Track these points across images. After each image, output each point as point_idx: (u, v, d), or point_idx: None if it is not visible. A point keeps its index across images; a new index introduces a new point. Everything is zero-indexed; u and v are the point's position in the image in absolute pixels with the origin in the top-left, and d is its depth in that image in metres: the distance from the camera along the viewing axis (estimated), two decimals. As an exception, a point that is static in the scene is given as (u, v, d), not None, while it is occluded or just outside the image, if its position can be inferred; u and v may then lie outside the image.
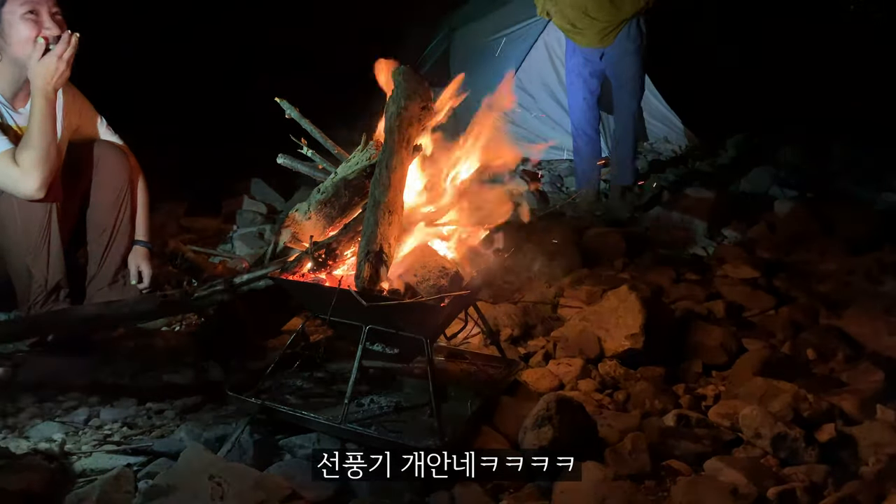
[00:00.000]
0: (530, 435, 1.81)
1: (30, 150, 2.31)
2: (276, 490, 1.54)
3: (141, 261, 2.69)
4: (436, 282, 1.84)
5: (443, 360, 2.28)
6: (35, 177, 2.30)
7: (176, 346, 2.54)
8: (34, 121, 2.33)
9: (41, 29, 2.34)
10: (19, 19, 2.33)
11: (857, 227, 3.76)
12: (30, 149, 2.31)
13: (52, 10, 2.39)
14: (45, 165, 2.32)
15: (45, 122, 2.33)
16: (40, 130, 2.32)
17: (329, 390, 2.07)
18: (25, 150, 2.32)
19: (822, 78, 6.98)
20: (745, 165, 5.77)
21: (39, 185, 2.31)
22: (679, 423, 2.05)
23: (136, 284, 2.68)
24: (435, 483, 1.77)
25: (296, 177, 2.60)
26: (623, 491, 1.67)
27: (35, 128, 2.32)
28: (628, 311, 2.48)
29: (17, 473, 1.56)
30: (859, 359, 2.47)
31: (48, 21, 2.36)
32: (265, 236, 3.87)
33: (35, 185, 2.30)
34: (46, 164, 2.32)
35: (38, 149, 2.31)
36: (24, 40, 2.34)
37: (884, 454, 1.83)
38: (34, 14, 2.34)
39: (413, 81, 2.05)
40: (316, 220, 2.06)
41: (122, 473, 1.62)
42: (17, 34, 2.33)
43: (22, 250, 2.38)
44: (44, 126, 2.33)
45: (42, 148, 2.32)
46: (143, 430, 2.01)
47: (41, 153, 2.31)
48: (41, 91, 2.33)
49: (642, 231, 4.12)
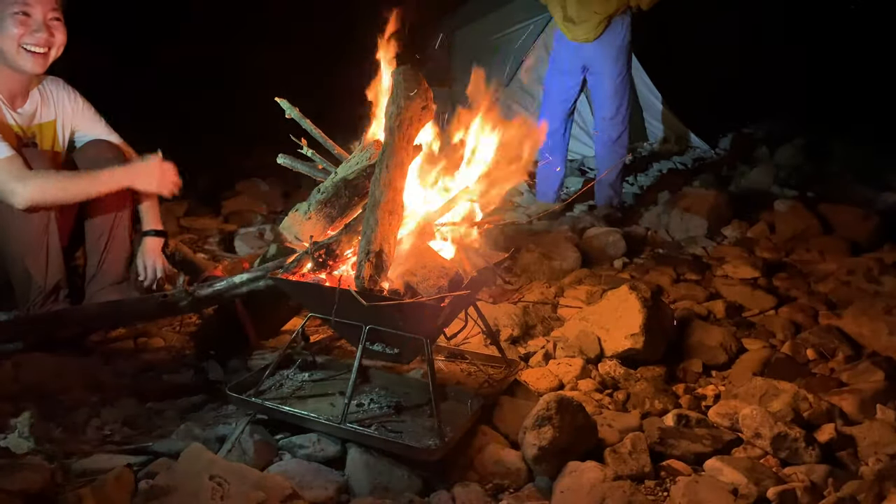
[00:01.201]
0: (530, 435, 1.81)
1: (52, 181, 2.36)
2: (276, 490, 1.54)
3: (147, 255, 2.68)
4: (436, 282, 1.84)
5: (443, 360, 2.28)
6: (30, 198, 2.31)
7: (176, 346, 2.54)
8: (85, 180, 2.42)
9: (27, 31, 2.34)
10: (9, 16, 2.33)
11: (857, 227, 3.76)
12: (54, 180, 2.36)
13: (50, 15, 2.38)
14: (47, 199, 2.35)
15: (87, 187, 2.42)
16: (77, 187, 2.40)
17: (329, 390, 2.07)
18: (51, 176, 2.36)
19: (822, 78, 6.98)
20: (746, 165, 5.77)
21: (29, 206, 2.32)
22: (679, 423, 2.05)
23: (142, 281, 2.66)
24: (435, 483, 1.77)
25: (296, 177, 2.59)
26: (623, 491, 1.66)
27: (80, 182, 2.41)
28: (628, 311, 2.48)
29: (17, 473, 1.56)
30: (859, 359, 2.47)
31: (39, 25, 2.36)
32: (265, 236, 3.87)
33: (25, 203, 2.31)
34: (48, 199, 2.35)
35: (59, 189, 2.37)
36: (9, 38, 2.34)
37: (884, 454, 1.83)
38: (25, 14, 2.34)
39: (413, 81, 2.05)
40: (316, 220, 2.06)
41: (122, 473, 1.61)
42: (5, 30, 2.34)
43: (21, 252, 2.38)
44: (83, 188, 2.42)
45: (62, 190, 2.38)
46: (142, 430, 2.01)
47: (56, 192, 2.36)
48: (118, 176, 2.47)
49: (642, 231, 4.12)
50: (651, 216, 4.35)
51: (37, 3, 2.35)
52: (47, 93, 2.57)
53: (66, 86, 2.63)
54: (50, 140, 2.57)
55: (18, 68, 2.40)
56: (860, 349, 2.57)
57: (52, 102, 2.57)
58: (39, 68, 2.42)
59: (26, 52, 2.37)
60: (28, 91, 2.52)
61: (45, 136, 2.56)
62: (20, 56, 2.37)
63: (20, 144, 2.44)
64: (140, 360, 2.41)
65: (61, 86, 2.62)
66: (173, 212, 4.19)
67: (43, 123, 2.55)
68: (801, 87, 6.85)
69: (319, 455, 1.84)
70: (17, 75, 2.43)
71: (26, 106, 2.51)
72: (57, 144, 2.59)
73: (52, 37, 2.40)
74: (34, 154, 2.42)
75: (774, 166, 5.54)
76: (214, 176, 4.99)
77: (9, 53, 2.36)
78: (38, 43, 2.37)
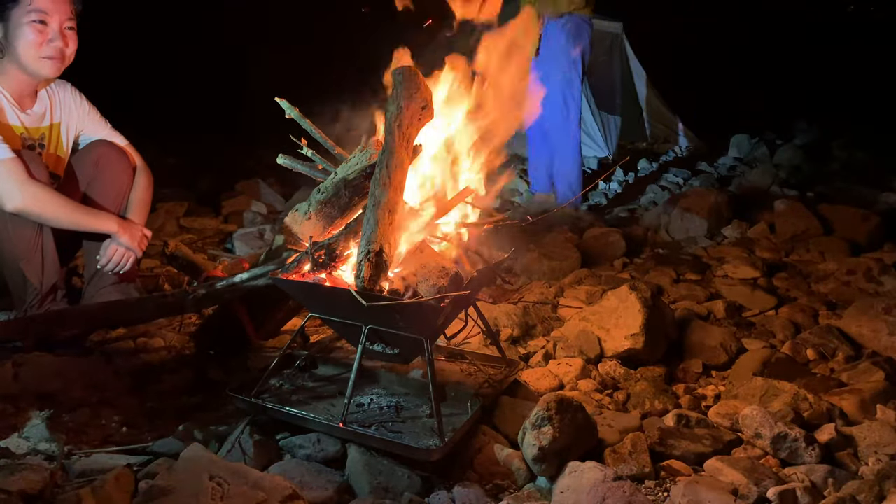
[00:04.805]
0: (530, 435, 1.80)
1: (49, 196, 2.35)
2: (276, 490, 1.54)
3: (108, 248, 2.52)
4: (436, 282, 1.84)
5: (443, 360, 2.28)
6: (23, 205, 2.31)
7: (176, 346, 2.54)
8: (78, 213, 2.42)
9: (45, 39, 2.37)
10: (26, 24, 2.34)
11: (857, 227, 3.76)
12: (51, 197, 2.35)
13: (65, 24, 2.41)
14: (37, 212, 2.34)
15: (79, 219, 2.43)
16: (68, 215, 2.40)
17: (329, 390, 2.07)
18: (49, 192, 2.36)
19: (821, 78, 6.98)
20: (746, 165, 5.78)
21: (19, 212, 2.32)
22: (679, 423, 2.05)
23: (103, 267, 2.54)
24: (435, 483, 1.77)
25: (296, 177, 2.59)
26: (623, 491, 1.66)
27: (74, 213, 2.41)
28: (628, 311, 2.48)
29: (17, 473, 1.56)
30: (859, 359, 2.47)
31: (55, 34, 2.38)
32: (265, 236, 3.87)
33: (16, 209, 2.31)
34: (38, 212, 2.34)
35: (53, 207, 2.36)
36: (25, 45, 2.36)
37: (884, 454, 1.83)
38: (43, 24, 2.36)
39: (413, 81, 2.05)
40: (316, 220, 2.06)
41: (122, 473, 1.61)
42: (22, 37, 2.35)
43: (15, 255, 2.38)
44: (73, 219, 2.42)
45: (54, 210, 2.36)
46: (142, 430, 2.01)
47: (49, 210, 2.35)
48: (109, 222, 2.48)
49: (642, 231, 4.12)
50: (651, 216, 4.35)
51: (55, 12, 2.37)
52: (54, 95, 2.57)
53: (72, 89, 2.63)
54: (55, 143, 2.58)
55: (34, 73, 2.42)
56: (860, 349, 2.57)
57: (58, 105, 2.58)
58: (55, 73, 2.45)
59: (42, 59, 2.39)
60: (36, 93, 2.52)
61: (51, 139, 2.57)
62: (38, 63, 2.39)
63: (26, 146, 2.44)
64: (140, 360, 2.41)
65: (67, 89, 2.62)
66: (173, 212, 4.19)
67: (49, 126, 2.55)
68: (800, 88, 6.86)
69: (319, 455, 1.84)
70: (28, 78, 2.44)
71: (35, 107, 2.52)
72: (60, 148, 2.60)
73: (66, 46, 2.42)
74: (35, 158, 2.42)
75: (774, 166, 5.54)
76: (214, 176, 5.00)
77: (25, 59, 2.38)
78: (54, 53, 2.39)
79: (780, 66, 7.20)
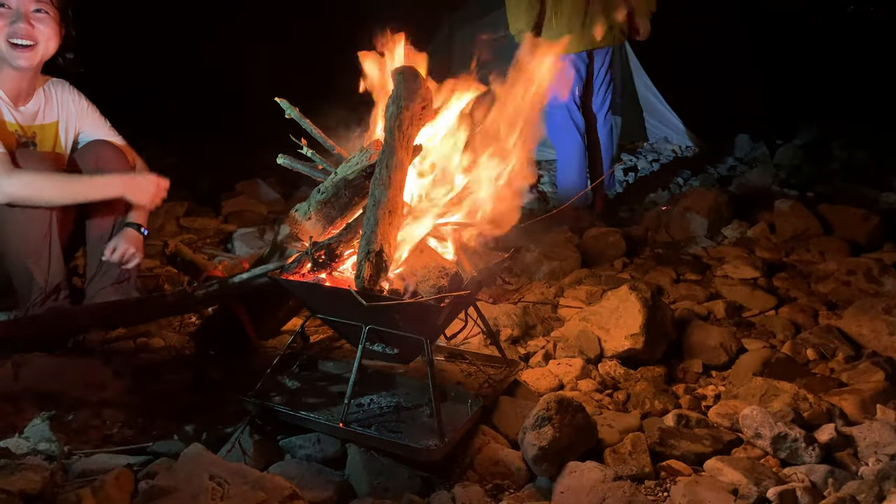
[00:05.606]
0: (530, 435, 1.81)
1: (40, 178, 2.34)
2: (276, 490, 1.54)
3: (123, 241, 2.55)
4: (436, 282, 1.84)
5: (443, 360, 2.28)
6: (10, 193, 2.29)
7: (176, 346, 2.54)
8: (80, 183, 2.41)
9: (5, 22, 2.33)
10: None
11: (857, 227, 3.76)
12: (43, 177, 2.34)
13: (31, 7, 2.36)
14: (33, 196, 2.33)
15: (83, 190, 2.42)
16: (71, 188, 2.39)
17: (329, 390, 2.07)
18: (41, 175, 2.34)
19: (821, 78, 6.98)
20: (746, 165, 5.78)
21: (8, 201, 2.31)
22: (679, 423, 2.05)
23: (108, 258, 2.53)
24: (435, 483, 1.77)
25: (296, 177, 2.59)
26: (623, 491, 1.66)
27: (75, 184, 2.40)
28: (628, 311, 2.48)
29: (17, 473, 1.56)
30: (859, 359, 2.47)
31: (18, 15, 2.33)
32: (265, 236, 3.87)
33: (5, 198, 2.30)
34: (34, 195, 2.33)
35: (50, 187, 2.35)
36: None
37: (884, 454, 1.82)
38: (2, 6, 2.33)
39: (413, 81, 2.05)
40: (316, 220, 2.06)
41: (122, 473, 1.61)
42: None
43: (23, 253, 2.38)
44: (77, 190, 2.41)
45: (54, 189, 2.35)
46: (142, 430, 2.01)
47: (46, 191, 2.34)
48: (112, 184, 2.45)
49: (642, 231, 4.12)
50: (651, 216, 4.35)
51: None
52: (52, 94, 2.57)
53: (71, 88, 2.63)
54: (51, 142, 2.57)
55: (12, 65, 2.39)
56: (860, 349, 2.57)
57: (55, 104, 2.57)
58: (26, 62, 2.39)
59: (12, 47, 2.35)
60: (33, 91, 2.52)
61: (47, 137, 2.56)
62: (8, 50, 2.35)
63: (19, 143, 2.44)
64: (140, 360, 2.41)
65: (66, 87, 2.62)
66: (173, 212, 4.19)
67: (45, 124, 2.55)
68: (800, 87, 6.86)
69: (319, 455, 1.84)
70: (19, 73, 2.43)
71: (29, 105, 2.51)
72: (59, 146, 2.59)
73: (34, 29, 2.37)
74: (32, 154, 2.42)
75: (774, 166, 5.54)
76: (214, 176, 4.99)
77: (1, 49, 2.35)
78: (20, 34, 2.34)
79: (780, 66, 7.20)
